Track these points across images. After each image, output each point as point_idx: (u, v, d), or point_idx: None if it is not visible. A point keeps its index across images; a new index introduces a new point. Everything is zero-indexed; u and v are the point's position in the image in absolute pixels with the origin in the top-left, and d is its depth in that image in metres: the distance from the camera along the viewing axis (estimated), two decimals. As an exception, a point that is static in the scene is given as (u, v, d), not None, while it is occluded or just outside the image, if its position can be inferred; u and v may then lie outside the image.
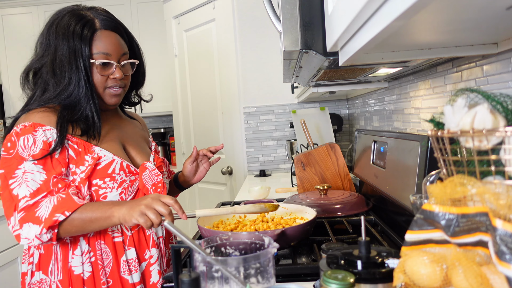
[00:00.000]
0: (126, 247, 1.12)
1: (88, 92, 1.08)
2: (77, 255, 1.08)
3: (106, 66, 1.10)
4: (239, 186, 2.82)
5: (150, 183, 1.16)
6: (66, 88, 1.06)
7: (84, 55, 1.06)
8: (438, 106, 1.15)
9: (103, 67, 1.10)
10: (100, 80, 1.10)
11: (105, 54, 1.09)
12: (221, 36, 2.87)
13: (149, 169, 1.17)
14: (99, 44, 1.08)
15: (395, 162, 1.26)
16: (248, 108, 2.86)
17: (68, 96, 1.07)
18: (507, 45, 0.75)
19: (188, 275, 0.60)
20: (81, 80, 1.06)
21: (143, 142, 1.31)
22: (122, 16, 4.34)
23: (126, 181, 1.13)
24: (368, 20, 0.53)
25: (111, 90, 1.13)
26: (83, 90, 1.07)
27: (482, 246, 0.48)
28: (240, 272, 0.64)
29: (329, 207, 1.44)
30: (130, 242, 1.13)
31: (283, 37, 0.84)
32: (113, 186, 1.10)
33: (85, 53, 1.06)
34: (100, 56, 1.08)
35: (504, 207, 0.44)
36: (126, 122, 1.31)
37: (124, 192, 1.13)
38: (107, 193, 1.10)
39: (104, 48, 1.09)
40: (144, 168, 1.17)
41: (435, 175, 0.70)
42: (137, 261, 1.13)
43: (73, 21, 1.07)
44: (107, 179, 1.09)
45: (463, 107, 0.52)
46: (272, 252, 0.67)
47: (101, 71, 1.10)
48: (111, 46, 1.10)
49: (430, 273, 0.50)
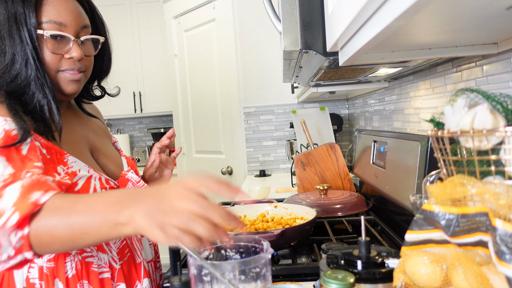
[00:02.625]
0: (115, 284, 0.88)
1: (40, 73, 0.80)
2: None
3: (59, 41, 0.83)
4: (239, 186, 2.82)
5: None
6: (10, 67, 0.79)
7: (29, 23, 0.79)
8: (438, 106, 1.15)
9: (56, 42, 0.82)
10: (51, 59, 0.82)
11: (58, 24, 0.81)
12: (221, 36, 2.87)
13: (132, 181, 0.95)
14: (50, 10, 0.81)
15: (395, 162, 1.26)
16: (248, 108, 2.86)
17: (13, 79, 0.79)
18: (507, 45, 0.75)
19: (179, 279, 0.60)
20: (29, 56, 0.79)
21: (109, 143, 1.06)
22: (122, 16, 4.35)
23: None
24: (368, 20, 0.53)
25: (67, 73, 0.85)
26: (33, 71, 0.79)
27: (482, 246, 0.48)
28: (235, 277, 0.63)
29: (329, 207, 1.44)
30: (120, 276, 0.88)
31: (283, 37, 0.84)
32: None
33: (30, 21, 0.79)
34: (51, 26, 0.81)
35: (504, 207, 0.44)
36: (86, 121, 1.02)
37: None
38: None
39: (56, 16, 0.81)
40: (125, 180, 0.95)
41: (435, 175, 0.70)
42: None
43: None
44: None
45: (463, 107, 0.52)
46: (267, 257, 0.66)
47: (53, 47, 0.82)
48: (67, 14, 0.83)
49: (430, 273, 0.50)
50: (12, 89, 0.80)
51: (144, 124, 4.21)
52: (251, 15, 2.79)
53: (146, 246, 1.00)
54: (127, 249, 0.92)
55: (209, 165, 3.08)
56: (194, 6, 3.01)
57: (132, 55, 3.78)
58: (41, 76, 0.81)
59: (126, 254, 0.92)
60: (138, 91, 3.78)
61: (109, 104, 1.25)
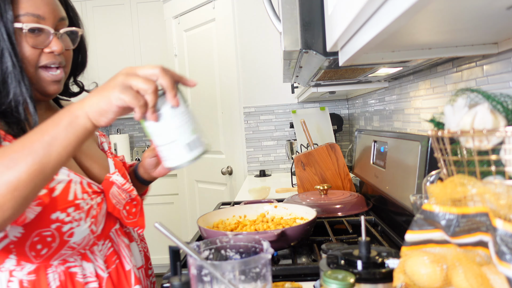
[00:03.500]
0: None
1: (17, 69, 0.76)
2: None
3: (38, 35, 0.79)
4: (239, 186, 2.82)
5: (122, 202, 0.88)
6: None
7: (5, 17, 0.74)
8: (438, 106, 1.15)
9: (35, 36, 0.78)
10: (30, 54, 0.78)
11: (36, 16, 0.78)
12: (221, 36, 2.87)
13: (117, 184, 0.87)
14: (26, 3, 0.77)
15: (395, 162, 1.26)
16: (248, 108, 2.86)
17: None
18: (507, 45, 0.75)
19: (179, 279, 0.60)
20: (5, 51, 0.75)
21: (94, 145, 0.99)
22: (122, 16, 4.35)
23: (93, 207, 0.82)
24: (368, 20, 0.53)
25: (48, 72, 0.81)
26: (9, 65, 0.75)
27: (483, 246, 0.48)
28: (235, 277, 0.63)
29: (329, 207, 1.44)
30: (108, 285, 0.84)
31: (283, 37, 0.84)
32: (80, 218, 0.79)
33: (6, 13, 0.74)
34: (29, 19, 0.77)
35: (504, 207, 0.44)
36: None
37: (94, 222, 0.83)
38: (73, 229, 0.78)
39: (34, 8, 0.77)
40: (110, 184, 0.87)
41: (435, 175, 0.70)
42: None
43: None
44: (71, 209, 0.77)
45: (463, 107, 0.52)
46: (267, 257, 0.66)
47: (33, 41, 0.78)
48: (44, 6, 0.79)
49: (430, 273, 0.49)
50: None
51: (144, 124, 4.21)
52: (251, 15, 2.79)
53: (136, 253, 0.96)
54: (115, 256, 0.89)
55: (209, 165, 3.08)
56: (194, 6, 3.02)
57: (132, 55, 3.79)
58: (18, 73, 0.76)
59: (114, 261, 0.88)
60: (138, 91, 3.78)
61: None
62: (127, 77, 0.64)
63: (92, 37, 3.78)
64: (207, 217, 1.24)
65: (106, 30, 3.80)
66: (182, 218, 3.39)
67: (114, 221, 0.91)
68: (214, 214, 1.27)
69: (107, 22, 3.78)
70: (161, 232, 0.71)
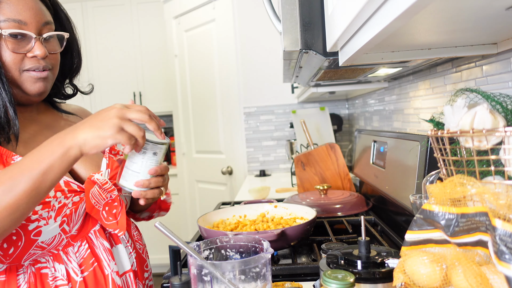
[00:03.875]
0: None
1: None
2: None
3: (20, 40, 0.79)
4: (239, 186, 2.82)
5: (101, 202, 0.85)
6: None
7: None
8: (438, 106, 1.15)
9: (16, 41, 0.79)
10: (12, 59, 0.79)
11: (17, 22, 0.78)
12: (221, 36, 2.87)
13: (98, 184, 0.85)
14: (7, 9, 0.77)
15: (395, 162, 1.26)
16: (248, 108, 2.86)
17: None
18: (506, 45, 0.75)
19: (179, 279, 0.60)
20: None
21: None
22: (122, 16, 4.35)
23: (67, 206, 0.80)
24: (368, 20, 0.53)
25: (32, 73, 0.81)
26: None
27: (482, 246, 0.48)
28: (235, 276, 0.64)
29: (329, 207, 1.44)
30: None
31: (283, 37, 0.84)
32: (49, 216, 0.77)
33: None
34: (9, 25, 0.77)
35: (503, 207, 0.44)
36: (62, 121, 0.96)
37: (66, 221, 0.80)
38: (41, 228, 0.77)
39: (15, 14, 0.78)
40: (91, 183, 0.85)
41: (435, 175, 0.70)
42: None
43: None
44: (38, 207, 0.76)
45: (462, 107, 0.52)
46: (267, 257, 0.67)
47: (13, 46, 0.78)
48: (26, 11, 0.79)
49: (430, 273, 0.50)
50: None
51: (144, 124, 4.21)
52: (251, 15, 2.79)
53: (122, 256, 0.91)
54: (93, 258, 0.85)
55: (209, 165, 3.08)
56: (194, 6, 3.02)
57: (132, 55, 3.79)
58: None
59: (92, 264, 0.84)
60: (138, 91, 3.78)
61: (109, 104, 1.26)
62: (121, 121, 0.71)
63: (93, 37, 3.78)
64: (207, 217, 1.24)
65: (106, 30, 3.80)
66: (182, 218, 3.39)
67: (93, 222, 0.88)
68: (214, 214, 1.27)
69: (107, 22, 3.79)
70: (161, 232, 0.71)
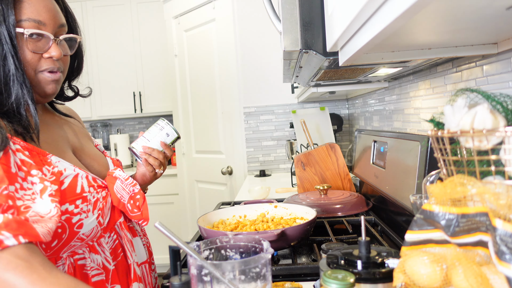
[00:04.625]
0: (109, 286, 0.87)
1: (19, 72, 0.78)
2: None
3: (39, 40, 0.81)
4: (239, 186, 2.82)
5: (126, 196, 0.92)
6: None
7: (8, 21, 0.76)
8: (438, 106, 1.15)
9: (35, 41, 0.80)
10: (30, 59, 0.80)
11: (37, 22, 0.79)
12: (221, 36, 2.87)
13: (120, 179, 0.92)
14: (28, 8, 0.78)
15: (395, 162, 1.26)
16: (248, 108, 2.86)
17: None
18: (507, 45, 0.75)
19: (179, 279, 0.60)
20: (8, 54, 0.77)
21: (90, 144, 1.03)
22: (122, 16, 4.34)
23: (99, 200, 0.87)
24: (368, 20, 0.53)
25: (46, 74, 0.83)
26: (12, 68, 0.77)
27: (482, 246, 0.48)
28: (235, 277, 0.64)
29: (329, 207, 1.44)
30: (114, 277, 0.88)
31: (283, 37, 0.84)
32: (88, 209, 0.83)
33: (9, 18, 0.76)
34: (30, 25, 0.78)
35: (504, 207, 0.44)
36: (62, 122, 0.98)
37: (101, 214, 0.87)
38: (82, 220, 0.82)
39: (35, 14, 0.79)
40: (113, 179, 0.92)
41: (435, 175, 0.70)
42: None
43: None
44: (79, 201, 0.81)
45: (463, 107, 0.52)
46: (267, 257, 0.66)
47: (33, 46, 0.80)
48: (46, 12, 0.81)
49: (430, 273, 0.50)
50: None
51: (144, 124, 4.21)
52: (251, 15, 2.79)
53: (140, 248, 0.98)
54: (120, 248, 0.92)
55: (209, 165, 3.08)
56: (194, 6, 3.02)
57: (132, 55, 3.79)
58: (20, 76, 0.78)
59: (120, 254, 0.91)
60: (138, 91, 3.78)
61: (109, 104, 1.26)
62: None
63: (92, 37, 3.78)
64: (207, 217, 1.24)
65: (106, 30, 3.80)
66: (182, 218, 3.39)
67: (119, 215, 0.94)
68: (214, 214, 1.27)
69: (107, 22, 3.78)
70: (161, 232, 0.71)
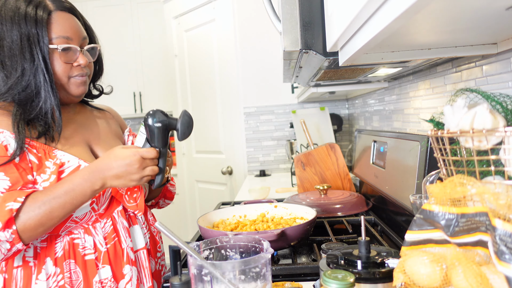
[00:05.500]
0: (100, 265, 0.99)
1: (47, 83, 0.95)
2: (41, 280, 0.94)
3: (68, 52, 0.98)
4: (239, 186, 2.82)
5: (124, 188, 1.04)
6: (20, 80, 0.94)
7: (41, 40, 0.94)
8: (438, 106, 1.15)
9: (65, 54, 0.97)
10: (63, 68, 0.98)
11: (66, 38, 0.97)
12: (221, 36, 2.87)
13: None
14: (58, 28, 0.96)
15: (395, 162, 1.26)
16: (248, 108, 2.86)
17: (23, 89, 0.94)
18: (506, 45, 0.75)
19: (179, 279, 0.60)
20: (38, 69, 0.94)
21: (114, 139, 1.17)
22: (122, 16, 4.33)
23: None
24: (368, 20, 0.53)
25: (77, 78, 1.01)
26: (42, 80, 0.94)
27: (482, 246, 0.48)
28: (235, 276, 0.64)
29: (329, 207, 1.44)
30: (105, 258, 0.99)
31: (283, 37, 0.84)
32: None
33: (43, 39, 0.94)
34: (60, 41, 0.96)
35: (503, 207, 0.44)
36: (94, 118, 1.15)
37: (95, 201, 0.99)
38: None
39: (64, 32, 0.96)
40: None
41: (435, 175, 0.71)
42: (113, 281, 0.99)
43: (22, 3, 0.94)
44: None
45: (463, 107, 0.52)
46: (267, 257, 0.66)
47: (64, 58, 0.97)
48: (71, 29, 0.98)
49: (430, 273, 0.50)
50: (23, 98, 0.94)
51: (144, 124, 4.20)
52: (251, 15, 2.79)
53: (137, 235, 1.08)
54: (114, 234, 1.03)
55: (209, 165, 3.08)
56: (194, 6, 3.02)
57: (132, 55, 3.79)
58: (48, 86, 0.95)
59: (113, 238, 1.02)
60: (138, 91, 3.78)
61: (109, 104, 1.27)
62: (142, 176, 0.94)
63: (92, 37, 3.78)
64: (207, 217, 1.24)
65: (106, 30, 3.80)
66: (182, 218, 3.39)
67: (117, 204, 1.06)
68: (214, 214, 1.27)
69: (107, 22, 3.78)
70: (161, 231, 0.72)
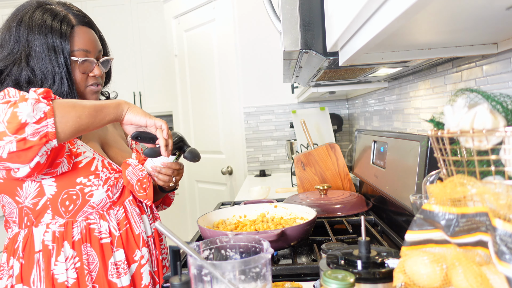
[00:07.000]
0: (114, 249, 1.08)
1: (71, 89, 1.06)
2: (60, 262, 1.02)
3: (86, 64, 1.09)
4: (239, 186, 2.82)
5: (134, 179, 1.13)
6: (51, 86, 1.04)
7: (65, 52, 1.04)
8: (438, 106, 1.15)
9: (84, 65, 1.08)
10: (81, 78, 1.09)
11: (85, 51, 1.08)
12: (221, 36, 2.87)
13: (132, 165, 1.14)
14: (79, 41, 1.07)
15: (395, 162, 1.26)
16: (248, 108, 2.86)
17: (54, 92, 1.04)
18: (506, 45, 0.75)
19: (179, 279, 0.60)
20: (63, 76, 1.04)
21: (121, 141, 1.29)
22: (122, 16, 4.33)
23: (111, 179, 1.10)
24: (368, 20, 0.53)
25: (92, 87, 1.12)
26: (66, 88, 1.05)
27: (482, 246, 0.48)
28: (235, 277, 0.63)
29: (329, 207, 1.44)
30: (119, 243, 1.09)
31: (283, 37, 0.84)
32: (99, 184, 1.07)
33: (66, 50, 1.04)
34: (80, 54, 1.07)
35: (504, 207, 0.44)
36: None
37: (110, 189, 1.09)
38: (93, 191, 1.06)
39: (83, 45, 1.08)
40: (127, 165, 1.14)
41: (435, 175, 0.70)
42: (125, 263, 1.08)
43: (48, 16, 1.04)
44: (92, 177, 1.06)
45: (463, 107, 0.52)
46: (267, 257, 0.66)
47: (82, 68, 1.08)
48: (90, 43, 1.09)
49: (430, 273, 0.50)
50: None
51: (144, 124, 4.20)
52: (251, 15, 2.79)
53: (146, 223, 1.18)
54: (126, 221, 1.12)
55: (209, 165, 3.08)
56: (194, 6, 3.02)
57: (132, 55, 3.79)
58: (71, 92, 1.06)
59: (125, 225, 1.12)
60: (138, 91, 3.78)
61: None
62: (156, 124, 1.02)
63: (92, 37, 3.78)
64: (207, 217, 1.24)
65: (106, 30, 3.78)
66: (182, 218, 3.39)
67: (129, 193, 1.16)
68: (214, 214, 1.27)
69: (107, 22, 3.78)
70: (161, 231, 0.73)
